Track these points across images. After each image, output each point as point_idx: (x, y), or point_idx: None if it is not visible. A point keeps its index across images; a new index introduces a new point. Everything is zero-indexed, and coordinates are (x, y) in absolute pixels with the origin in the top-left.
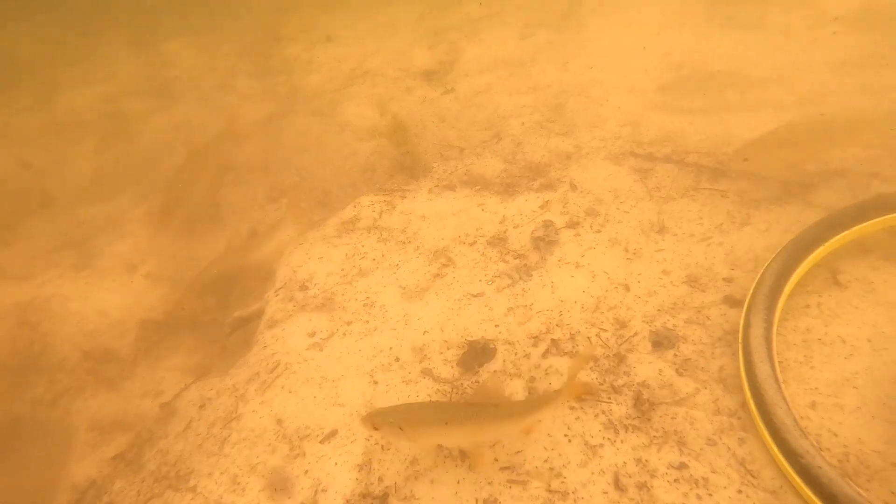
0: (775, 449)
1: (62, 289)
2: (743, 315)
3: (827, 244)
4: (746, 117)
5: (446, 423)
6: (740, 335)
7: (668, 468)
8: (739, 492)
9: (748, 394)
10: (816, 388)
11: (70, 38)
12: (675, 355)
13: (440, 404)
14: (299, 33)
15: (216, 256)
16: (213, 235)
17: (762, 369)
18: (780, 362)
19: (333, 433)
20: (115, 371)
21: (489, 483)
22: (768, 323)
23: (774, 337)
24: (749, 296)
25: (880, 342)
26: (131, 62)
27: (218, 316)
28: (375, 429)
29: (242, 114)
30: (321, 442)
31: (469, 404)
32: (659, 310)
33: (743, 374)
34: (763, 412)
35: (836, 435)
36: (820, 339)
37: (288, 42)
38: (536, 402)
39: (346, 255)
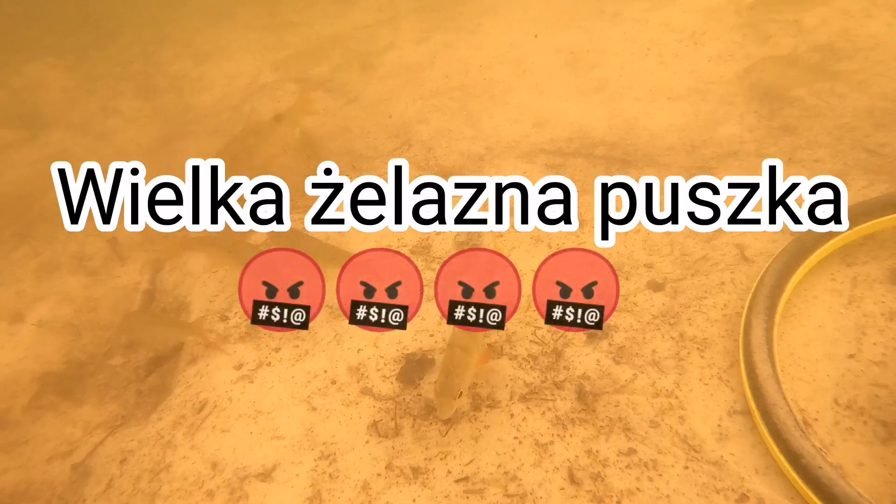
0: (776, 449)
1: None
2: (744, 315)
3: (827, 245)
4: (645, 107)
5: None
6: (741, 335)
7: (618, 455)
8: (686, 468)
9: (749, 394)
10: None
11: None
12: (610, 344)
13: None
14: (183, 48)
15: (120, 294)
16: (112, 271)
17: (763, 369)
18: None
19: (275, 469)
20: (10, 436)
21: (446, 497)
22: (769, 323)
23: (775, 337)
24: (750, 296)
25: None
26: None
27: (129, 359)
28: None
29: (131, 138)
30: (263, 481)
31: None
32: None
33: (743, 374)
34: (763, 412)
35: None
36: None
37: (172, 58)
38: None
39: None
